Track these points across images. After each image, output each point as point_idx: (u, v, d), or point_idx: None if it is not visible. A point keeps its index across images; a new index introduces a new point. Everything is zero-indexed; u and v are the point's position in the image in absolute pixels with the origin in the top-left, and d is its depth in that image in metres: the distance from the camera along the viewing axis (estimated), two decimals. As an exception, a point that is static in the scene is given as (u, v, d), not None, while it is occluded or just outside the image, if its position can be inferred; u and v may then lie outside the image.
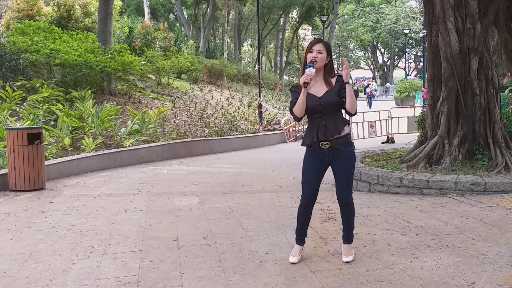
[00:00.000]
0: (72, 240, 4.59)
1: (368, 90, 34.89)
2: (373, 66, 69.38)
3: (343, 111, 3.64)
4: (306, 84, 3.46)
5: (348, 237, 3.85)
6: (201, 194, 6.82)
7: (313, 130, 3.61)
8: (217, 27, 44.70)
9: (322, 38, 41.69)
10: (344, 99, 3.52)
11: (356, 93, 33.00)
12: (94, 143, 9.88)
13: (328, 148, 3.60)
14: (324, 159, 3.65)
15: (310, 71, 3.46)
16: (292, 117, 3.72)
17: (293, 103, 3.64)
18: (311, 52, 3.57)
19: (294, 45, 54.55)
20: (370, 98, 33.88)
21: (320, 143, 3.58)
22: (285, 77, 53.80)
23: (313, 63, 3.52)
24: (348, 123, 3.68)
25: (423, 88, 28.40)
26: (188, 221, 5.24)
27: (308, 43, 3.66)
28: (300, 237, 3.85)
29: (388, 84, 56.35)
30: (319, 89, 3.60)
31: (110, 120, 11.23)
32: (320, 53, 3.56)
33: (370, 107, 31.17)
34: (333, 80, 3.61)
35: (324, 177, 7.73)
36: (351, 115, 3.59)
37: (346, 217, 3.82)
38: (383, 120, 15.26)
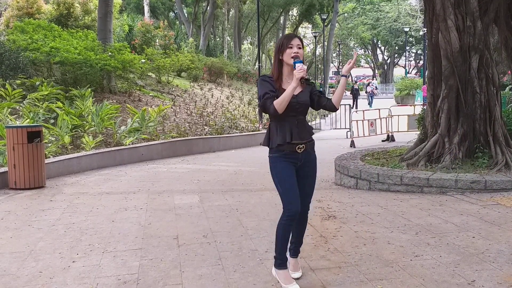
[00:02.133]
0: (72, 239, 4.59)
1: (368, 88, 34.59)
2: (373, 64, 69.35)
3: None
4: (303, 80, 3.14)
5: (297, 252, 3.50)
6: (201, 192, 6.82)
7: (285, 130, 3.21)
8: (217, 25, 44.68)
9: (322, 35, 41.69)
10: (314, 101, 3.31)
11: (357, 92, 32.53)
12: (94, 141, 9.87)
13: (302, 151, 3.24)
14: (296, 164, 3.27)
15: (303, 66, 3.15)
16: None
17: (270, 96, 3.15)
18: (291, 47, 3.20)
19: (294, 43, 54.40)
20: (371, 96, 33.50)
21: (297, 147, 3.21)
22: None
23: (297, 58, 3.19)
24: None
25: (423, 86, 28.36)
26: (188, 219, 5.24)
27: (284, 38, 3.29)
28: (284, 259, 3.31)
29: (374, 81, 55.84)
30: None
31: (110, 118, 11.22)
32: (299, 48, 3.24)
33: (370, 105, 30.88)
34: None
35: (324, 176, 7.70)
36: (334, 110, 3.35)
37: (299, 230, 3.41)
38: (383, 118, 15.25)
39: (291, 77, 3.20)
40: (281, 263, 3.28)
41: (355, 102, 31.35)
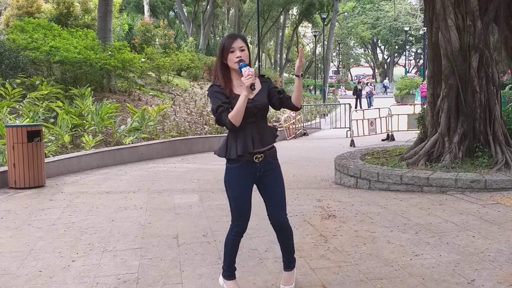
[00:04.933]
0: (72, 238, 4.59)
1: (367, 89, 34.07)
2: (373, 63, 69.35)
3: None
4: (253, 86, 2.84)
5: (289, 264, 3.23)
6: (201, 192, 6.82)
7: (245, 137, 2.93)
8: (217, 24, 44.71)
9: (322, 35, 41.61)
10: (273, 100, 3.03)
11: (360, 92, 32.12)
12: (93, 141, 9.87)
13: (261, 161, 2.99)
14: (254, 175, 3.03)
15: (249, 70, 2.85)
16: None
17: (224, 108, 2.87)
18: (232, 51, 2.92)
19: (294, 42, 54.50)
20: (370, 97, 32.90)
21: (254, 157, 2.95)
22: (285, 75, 53.77)
23: (241, 62, 2.89)
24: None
25: (421, 86, 28.26)
26: (188, 219, 5.24)
27: (226, 39, 2.99)
28: (233, 270, 3.17)
29: (386, 81, 55.93)
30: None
31: (109, 117, 11.22)
32: (242, 50, 2.94)
33: (369, 106, 30.44)
34: (258, 80, 3.04)
35: (324, 175, 7.69)
36: (296, 109, 3.07)
37: (285, 242, 3.18)
38: (383, 117, 15.25)
39: (241, 79, 2.93)
40: (229, 274, 3.15)
41: (358, 102, 31.12)
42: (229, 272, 3.15)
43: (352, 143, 13.54)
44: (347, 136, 15.59)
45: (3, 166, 7.69)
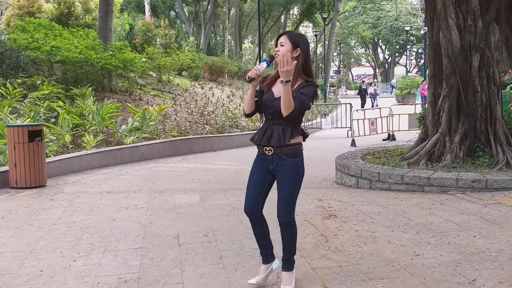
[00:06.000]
0: (73, 237, 4.60)
1: (371, 89, 33.83)
2: (374, 63, 69.30)
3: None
4: (250, 79, 2.99)
5: (287, 264, 3.28)
6: (202, 191, 6.82)
7: (262, 130, 3.17)
8: (218, 24, 44.67)
9: (323, 34, 41.55)
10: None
11: (365, 92, 31.86)
12: (94, 140, 9.87)
13: (272, 154, 3.13)
14: (268, 167, 3.18)
15: (261, 65, 2.98)
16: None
17: None
18: (276, 45, 3.09)
19: (295, 42, 54.37)
20: (374, 97, 32.72)
21: (264, 149, 3.14)
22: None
23: (272, 57, 3.05)
24: (301, 132, 3.17)
25: (420, 86, 28.15)
26: (189, 218, 5.24)
27: None
28: (263, 254, 3.33)
29: (393, 81, 55.76)
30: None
31: (110, 117, 11.23)
32: (281, 45, 3.01)
33: (373, 106, 30.27)
34: (299, 83, 3.05)
35: (325, 175, 7.69)
36: (284, 117, 2.99)
37: (285, 240, 3.25)
38: (384, 117, 15.25)
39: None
40: (261, 257, 3.39)
41: (363, 102, 30.99)
42: (260, 255, 3.38)
43: (353, 143, 13.53)
44: (348, 136, 15.58)
45: (4, 166, 7.70)
